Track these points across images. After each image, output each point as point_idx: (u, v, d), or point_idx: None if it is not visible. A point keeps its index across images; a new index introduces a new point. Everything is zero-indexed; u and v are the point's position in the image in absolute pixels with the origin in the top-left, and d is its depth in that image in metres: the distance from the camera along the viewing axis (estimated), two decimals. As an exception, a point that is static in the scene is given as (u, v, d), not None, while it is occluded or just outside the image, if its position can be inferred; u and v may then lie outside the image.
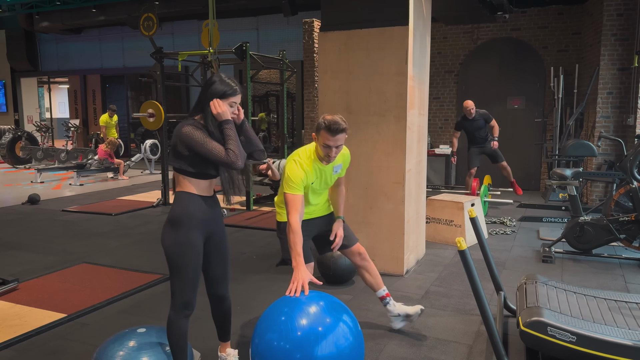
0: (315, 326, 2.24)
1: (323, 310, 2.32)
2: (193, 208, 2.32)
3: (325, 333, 2.23)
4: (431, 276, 4.23)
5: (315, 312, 2.30)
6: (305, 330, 2.22)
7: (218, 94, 2.30)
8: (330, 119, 2.72)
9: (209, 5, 6.10)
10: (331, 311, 2.34)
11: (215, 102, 2.29)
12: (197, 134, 2.24)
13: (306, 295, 2.37)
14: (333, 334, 2.24)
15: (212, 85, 2.31)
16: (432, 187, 8.07)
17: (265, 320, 2.34)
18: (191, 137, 2.24)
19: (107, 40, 14.09)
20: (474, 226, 3.15)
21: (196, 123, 2.30)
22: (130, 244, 5.30)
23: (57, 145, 13.71)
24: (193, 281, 2.33)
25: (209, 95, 2.31)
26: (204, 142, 2.23)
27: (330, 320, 2.29)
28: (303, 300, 2.35)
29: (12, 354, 2.95)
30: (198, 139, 2.23)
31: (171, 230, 2.31)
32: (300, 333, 2.21)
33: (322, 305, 2.34)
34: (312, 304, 2.33)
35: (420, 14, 4.30)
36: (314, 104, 9.37)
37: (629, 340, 2.31)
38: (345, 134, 2.74)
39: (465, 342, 3.03)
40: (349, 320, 2.37)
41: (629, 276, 4.18)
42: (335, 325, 2.28)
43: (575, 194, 4.72)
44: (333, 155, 2.77)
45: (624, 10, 6.71)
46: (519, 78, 8.49)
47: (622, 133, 6.88)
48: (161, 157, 7.47)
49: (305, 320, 2.25)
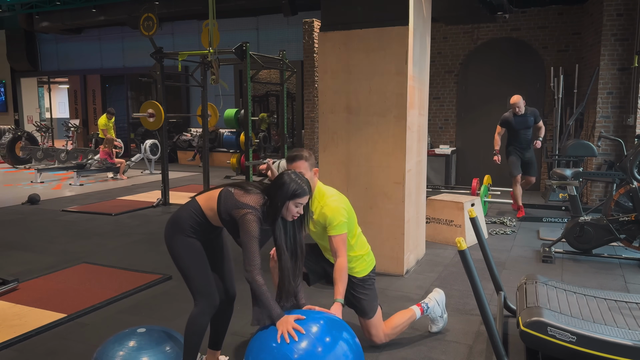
0: (314, 347, 2.12)
1: (322, 330, 2.20)
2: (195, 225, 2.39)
3: (325, 354, 2.11)
4: (431, 276, 4.23)
5: (313, 332, 2.17)
6: (302, 354, 2.09)
7: (289, 194, 2.27)
8: (292, 150, 2.76)
9: (209, 5, 6.10)
10: (330, 330, 2.22)
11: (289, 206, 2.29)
12: (254, 227, 2.22)
13: (302, 334, 2.15)
14: (332, 354, 2.13)
15: (283, 185, 2.29)
16: (432, 187, 8.07)
17: (258, 341, 2.22)
18: (246, 225, 2.22)
19: (107, 40, 14.09)
20: (474, 226, 3.15)
21: (261, 213, 2.27)
22: (130, 244, 5.30)
23: (57, 145, 13.70)
24: (205, 277, 2.39)
25: (282, 194, 2.28)
26: (250, 238, 2.22)
27: (330, 339, 2.17)
28: (299, 320, 2.21)
29: (12, 354, 2.95)
30: (249, 230, 2.22)
31: (173, 232, 2.40)
32: (297, 357, 2.08)
33: (321, 324, 2.22)
34: (309, 323, 2.20)
35: (420, 14, 4.30)
36: (314, 104, 9.38)
37: (629, 340, 2.31)
38: (305, 162, 2.68)
39: (465, 342, 3.03)
40: (349, 337, 2.25)
41: (629, 276, 4.18)
42: (334, 345, 2.16)
43: (575, 194, 4.72)
44: None
45: (624, 10, 6.71)
46: (519, 78, 8.49)
47: (622, 133, 6.88)
48: (161, 157, 7.47)
49: (303, 343, 2.12)
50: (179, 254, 2.38)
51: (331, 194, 2.77)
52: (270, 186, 2.34)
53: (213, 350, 2.67)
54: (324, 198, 2.74)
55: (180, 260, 2.39)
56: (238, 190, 2.33)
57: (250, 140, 6.57)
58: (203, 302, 2.37)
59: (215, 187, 2.44)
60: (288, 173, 2.33)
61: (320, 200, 2.75)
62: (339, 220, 2.67)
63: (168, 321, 3.32)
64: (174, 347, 2.39)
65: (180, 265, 2.39)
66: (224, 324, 2.63)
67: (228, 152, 11.94)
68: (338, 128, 4.30)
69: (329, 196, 2.76)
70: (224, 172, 10.90)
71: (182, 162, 12.86)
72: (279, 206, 2.27)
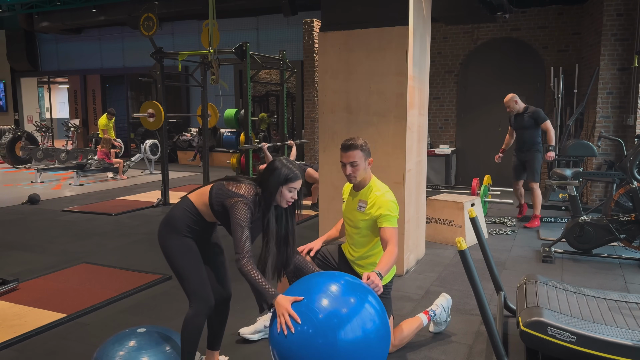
0: (339, 308, 2.03)
1: (346, 291, 2.11)
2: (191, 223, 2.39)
3: (350, 316, 2.02)
4: (431, 276, 4.23)
5: (337, 293, 2.09)
6: (328, 312, 2.01)
7: (281, 179, 2.28)
8: (347, 138, 2.72)
9: (209, 5, 6.10)
10: (355, 291, 2.12)
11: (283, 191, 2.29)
12: (243, 215, 2.21)
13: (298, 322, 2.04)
14: (358, 317, 2.03)
15: (275, 170, 2.29)
16: (432, 187, 8.07)
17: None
18: (236, 212, 2.21)
19: (107, 40, 14.09)
20: (474, 226, 3.15)
21: (252, 202, 2.27)
22: (130, 244, 5.30)
23: (57, 145, 13.70)
24: (200, 277, 2.38)
25: (274, 180, 2.28)
26: (239, 226, 2.20)
27: (355, 301, 2.08)
28: (324, 279, 2.17)
29: (12, 354, 2.95)
30: (239, 217, 2.21)
31: (167, 232, 2.40)
32: (322, 316, 2.00)
33: (345, 285, 2.14)
34: (334, 284, 2.13)
35: (420, 14, 4.30)
36: (314, 104, 9.38)
37: (629, 340, 2.31)
38: (360, 152, 2.68)
39: (465, 342, 3.03)
40: (374, 301, 2.15)
41: (629, 276, 4.18)
42: (360, 307, 2.07)
43: (575, 194, 4.72)
44: (349, 173, 2.72)
45: (624, 10, 6.71)
46: (519, 78, 8.49)
47: (622, 133, 6.88)
48: (161, 157, 7.47)
49: (327, 301, 2.04)
50: (174, 254, 2.37)
51: (387, 188, 2.80)
52: (262, 173, 2.34)
53: (212, 351, 2.66)
54: (380, 190, 2.75)
55: (175, 260, 2.37)
56: (229, 182, 2.35)
57: (250, 140, 6.57)
58: (198, 303, 2.37)
59: (205, 185, 2.46)
60: (279, 159, 2.35)
61: (376, 191, 2.75)
62: (395, 214, 2.69)
63: (168, 321, 3.32)
64: (174, 347, 2.39)
65: (174, 265, 2.38)
66: (221, 324, 2.63)
67: (228, 152, 11.94)
68: (338, 128, 4.30)
69: (387, 190, 2.78)
70: (224, 172, 10.90)
71: (182, 162, 12.86)
72: (273, 192, 2.28)
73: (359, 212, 2.78)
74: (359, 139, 2.72)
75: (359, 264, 2.89)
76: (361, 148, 2.69)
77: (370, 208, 2.73)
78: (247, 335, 3.02)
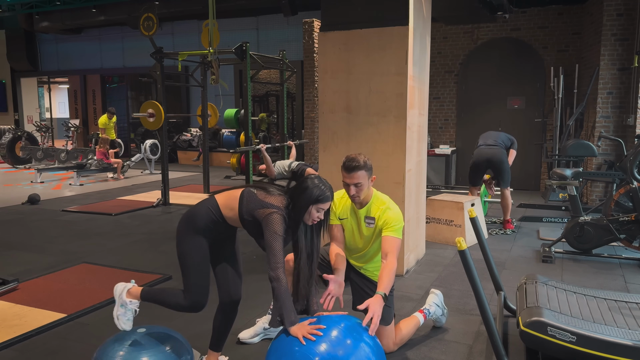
0: (335, 350, 2.07)
1: (343, 332, 2.14)
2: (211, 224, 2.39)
3: (346, 358, 2.06)
4: (431, 276, 4.23)
5: (334, 334, 2.13)
6: (324, 356, 2.05)
7: (312, 199, 2.27)
8: (347, 157, 2.65)
9: (209, 5, 6.10)
10: (351, 332, 2.16)
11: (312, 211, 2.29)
12: (279, 226, 2.22)
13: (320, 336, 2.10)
14: (354, 356, 2.07)
15: (307, 190, 2.28)
16: (432, 187, 8.07)
17: (279, 345, 2.17)
18: (272, 224, 2.21)
19: (107, 40, 14.09)
20: (474, 226, 3.15)
21: (286, 213, 2.27)
22: (130, 244, 5.30)
23: (57, 145, 13.69)
24: (203, 281, 2.40)
25: (305, 199, 2.28)
26: (275, 237, 2.20)
27: (351, 342, 2.12)
28: (320, 321, 2.20)
29: (12, 354, 2.95)
30: (274, 229, 2.21)
31: (185, 228, 2.42)
32: (318, 359, 2.04)
33: (342, 327, 2.17)
34: (331, 326, 2.16)
35: (420, 14, 4.30)
36: (314, 104, 9.38)
37: (629, 340, 2.31)
38: (364, 171, 2.62)
39: (465, 342, 3.03)
40: (370, 341, 2.19)
41: (629, 276, 4.18)
42: (356, 348, 2.10)
43: (575, 194, 4.72)
44: (353, 194, 2.67)
45: (624, 10, 6.71)
46: (519, 78, 8.49)
47: (622, 133, 6.88)
48: (161, 157, 7.46)
49: (324, 344, 2.07)
50: (187, 252, 2.39)
51: (390, 199, 2.78)
52: (293, 189, 2.33)
53: (214, 352, 2.66)
54: (385, 203, 2.74)
55: (185, 258, 2.40)
56: (260, 191, 2.33)
57: (250, 140, 6.57)
58: (189, 300, 2.40)
59: (234, 188, 2.43)
60: (312, 178, 2.33)
61: (381, 204, 2.74)
62: (401, 225, 2.67)
63: (168, 321, 3.32)
64: (174, 347, 2.39)
65: (183, 262, 2.41)
66: (227, 326, 2.62)
67: (228, 152, 11.94)
68: (338, 128, 4.30)
69: (390, 201, 2.76)
70: (224, 172, 10.90)
71: (182, 162, 12.86)
72: (302, 210, 2.27)
73: (369, 229, 2.76)
74: (361, 157, 2.65)
75: (366, 269, 2.92)
76: (364, 167, 2.63)
77: (379, 220, 2.72)
78: (246, 339, 3.03)
